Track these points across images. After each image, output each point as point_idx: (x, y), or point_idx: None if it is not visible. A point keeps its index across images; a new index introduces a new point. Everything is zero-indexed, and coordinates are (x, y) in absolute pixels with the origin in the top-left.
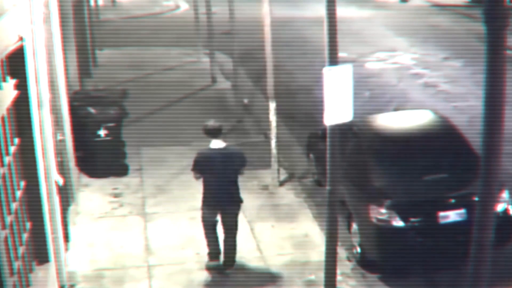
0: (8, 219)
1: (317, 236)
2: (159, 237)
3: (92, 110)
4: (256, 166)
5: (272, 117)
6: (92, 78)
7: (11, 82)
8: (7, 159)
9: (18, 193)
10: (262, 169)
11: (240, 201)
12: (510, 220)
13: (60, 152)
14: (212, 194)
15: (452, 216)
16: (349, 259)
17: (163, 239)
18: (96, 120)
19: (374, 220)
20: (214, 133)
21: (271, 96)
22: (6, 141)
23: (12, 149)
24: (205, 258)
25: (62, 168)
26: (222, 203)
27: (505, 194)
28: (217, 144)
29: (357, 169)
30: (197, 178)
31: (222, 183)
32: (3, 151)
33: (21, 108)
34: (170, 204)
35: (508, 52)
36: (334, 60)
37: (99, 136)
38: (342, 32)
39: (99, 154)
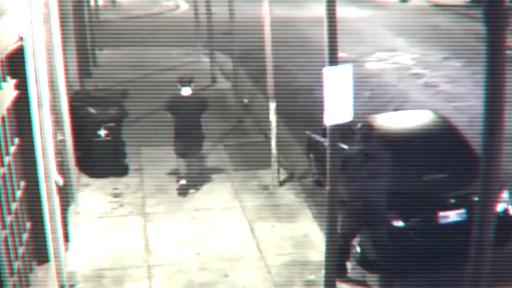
0: (8, 219)
1: (317, 236)
2: (159, 237)
3: (92, 110)
4: (256, 166)
5: (272, 117)
6: (92, 78)
7: (11, 82)
8: (7, 159)
9: (18, 193)
10: (262, 169)
11: (203, 137)
12: (510, 220)
13: (60, 152)
14: (180, 131)
15: (452, 216)
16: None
17: (163, 239)
18: (96, 120)
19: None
20: (184, 82)
21: (271, 96)
22: (6, 141)
23: (12, 149)
24: (205, 258)
25: (62, 168)
26: (188, 138)
27: (505, 194)
28: (186, 91)
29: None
30: (165, 114)
31: (188, 123)
32: (3, 151)
33: (21, 108)
34: (170, 204)
35: (508, 52)
36: (334, 60)
37: (99, 136)
38: (342, 32)
39: (99, 154)
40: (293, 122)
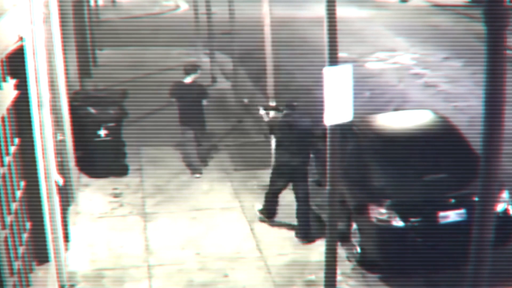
0: (8, 219)
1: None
2: (159, 237)
3: (92, 110)
4: (256, 166)
5: None
6: (92, 78)
7: (11, 82)
8: (7, 159)
9: (18, 193)
10: (262, 169)
11: (204, 122)
12: (510, 220)
13: (60, 152)
14: (183, 115)
15: (452, 216)
16: (349, 259)
17: (163, 239)
18: (96, 120)
19: (374, 220)
20: (187, 70)
21: (271, 96)
22: (6, 141)
23: (12, 149)
24: (205, 258)
25: (62, 168)
26: (191, 122)
27: (505, 194)
28: (188, 80)
29: (357, 169)
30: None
31: (190, 108)
32: (3, 151)
33: (21, 108)
34: (170, 204)
35: (508, 52)
36: (334, 60)
37: (99, 136)
38: (342, 32)
39: (99, 154)
40: None
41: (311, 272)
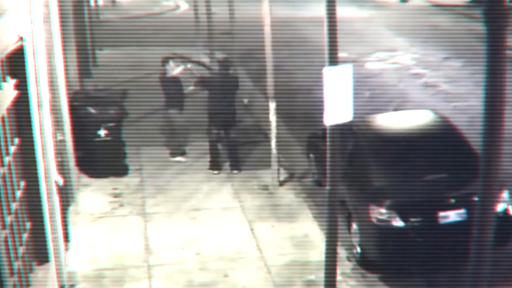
0: (8, 219)
1: (317, 236)
2: (159, 237)
3: (92, 110)
4: (256, 166)
5: (272, 117)
6: (92, 78)
7: (11, 82)
8: (7, 159)
9: (18, 193)
10: (262, 169)
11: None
12: (510, 220)
13: (60, 152)
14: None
15: (452, 216)
16: (349, 259)
17: (163, 239)
18: (96, 120)
19: (374, 220)
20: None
21: (271, 96)
22: (6, 141)
23: (12, 149)
24: (205, 258)
25: (62, 168)
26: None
27: (505, 194)
28: (171, 72)
29: (357, 169)
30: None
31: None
32: (3, 151)
33: (21, 108)
34: (170, 204)
35: (508, 52)
36: (334, 60)
37: (99, 136)
38: (342, 32)
39: (99, 154)
40: (293, 122)
41: (311, 272)
